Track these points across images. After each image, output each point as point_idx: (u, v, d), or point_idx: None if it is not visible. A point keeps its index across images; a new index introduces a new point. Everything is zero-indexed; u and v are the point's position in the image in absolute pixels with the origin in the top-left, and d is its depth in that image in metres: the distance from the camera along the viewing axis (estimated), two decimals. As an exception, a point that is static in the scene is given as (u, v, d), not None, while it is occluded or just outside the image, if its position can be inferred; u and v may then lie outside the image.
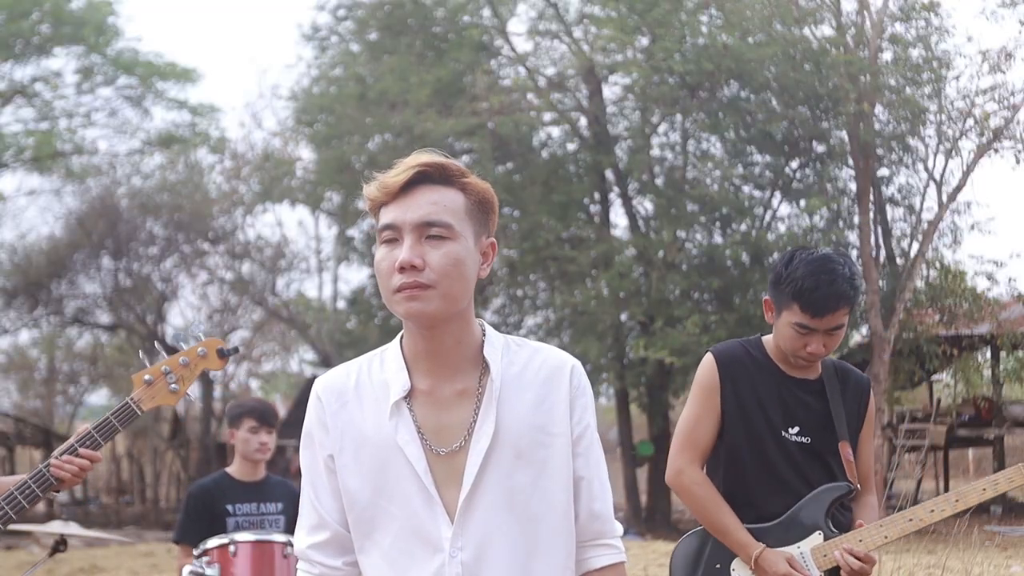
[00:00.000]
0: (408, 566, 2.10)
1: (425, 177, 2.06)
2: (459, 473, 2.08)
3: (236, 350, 3.23)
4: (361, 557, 2.16)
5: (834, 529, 3.32)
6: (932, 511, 3.36)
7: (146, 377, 3.08)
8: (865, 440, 3.43)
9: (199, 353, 3.12)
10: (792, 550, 3.31)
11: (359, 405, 2.14)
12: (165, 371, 3.09)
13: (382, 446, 2.11)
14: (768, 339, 3.41)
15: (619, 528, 2.23)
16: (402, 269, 2.02)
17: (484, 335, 2.15)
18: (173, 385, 3.09)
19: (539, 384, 2.13)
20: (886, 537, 3.32)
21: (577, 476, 2.14)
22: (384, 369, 2.15)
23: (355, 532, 2.15)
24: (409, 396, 2.12)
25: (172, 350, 3.16)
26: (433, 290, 2.02)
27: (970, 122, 16.54)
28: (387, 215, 2.06)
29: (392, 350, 2.17)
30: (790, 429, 3.32)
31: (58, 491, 3.17)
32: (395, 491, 2.10)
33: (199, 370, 3.12)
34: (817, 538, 3.31)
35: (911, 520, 3.34)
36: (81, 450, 3.07)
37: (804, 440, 3.32)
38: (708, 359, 3.38)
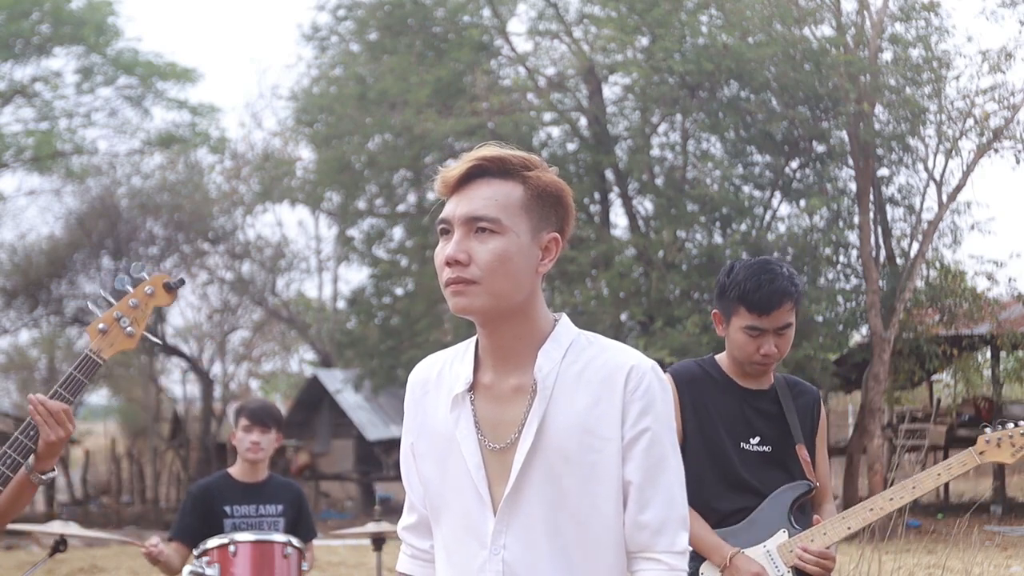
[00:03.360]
0: (460, 558, 2.12)
1: (483, 171, 2.06)
2: (508, 470, 2.08)
3: (182, 282, 3.19)
4: (435, 543, 2.21)
5: (797, 526, 3.39)
6: (891, 499, 3.44)
7: (100, 326, 3.06)
8: (819, 451, 3.52)
9: (147, 292, 3.09)
10: (759, 549, 3.37)
11: (437, 395, 2.17)
12: (118, 316, 3.07)
13: (446, 437, 2.13)
14: (721, 357, 3.49)
15: (677, 542, 2.08)
16: (449, 264, 2.04)
17: (553, 330, 2.12)
18: (129, 328, 3.07)
19: (596, 385, 2.08)
20: (849, 528, 3.39)
21: (625, 481, 2.06)
22: (463, 361, 2.16)
23: (430, 518, 2.20)
24: (473, 390, 2.12)
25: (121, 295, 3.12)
26: (478, 286, 2.02)
27: (970, 122, 16.55)
28: (444, 209, 2.08)
29: (473, 340, 2.17)
30: (751, 440, 3.40)
31: (45, 472, 3.09)
32: (453, 483, 2.13)
33: (150, 308, 3.09)
34: (782, 536, 3.37)
35: (872, 510, 3.43)
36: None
37: (765, 449, 3.40)
38: (665, 378, 3.42)
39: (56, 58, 23.45)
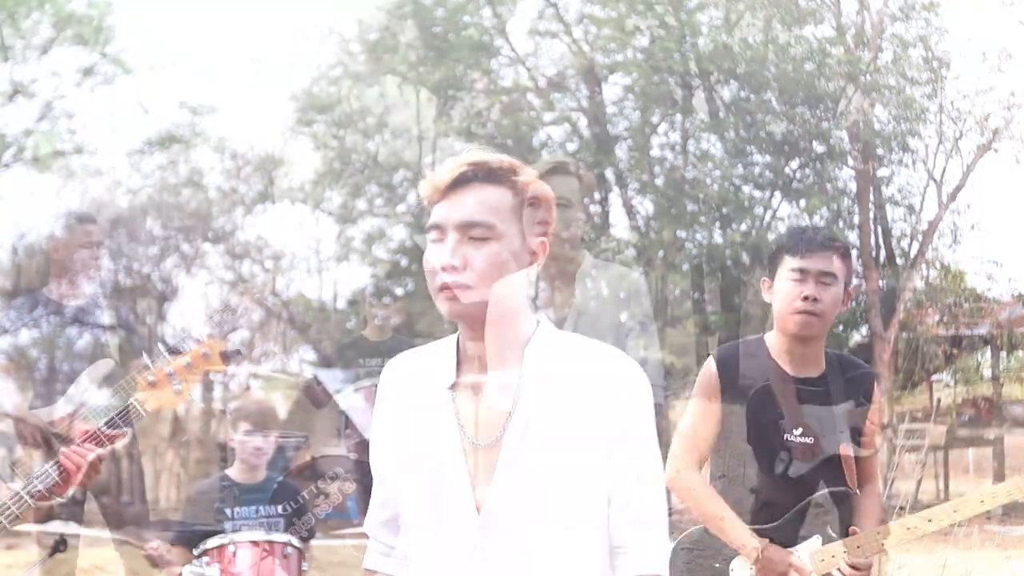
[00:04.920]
0: (439, 557, 2.13)
1: (473, 175, 2.07)
2: (492, 469, 2.09)
3: (239, 352, 3.24)
4: (409, 539, 2.21)
5: (832, 533, 3.33)
6: (930, 520, 3.41)
7: (150, 379, 3.08)
8: (870, 431, 3.46)
9: (202, 355, 3.10)
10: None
11: (413, 391, 2.18)
12: (169, 373, 3.08)
13: (424, 436, 2.14)
14: (770, 337, 3.43)
15: (654, 539, 2.13)
16: (443, 269, 2.04)
17: (536, 332, 2.13)
18: (177, 387, 3.08)
19: (580, 387, 2.10)
20: (883, 545, 3.36)
21: (608, 480, 2.10)
22: (443, 359, 2.17)
23: (403, 514, 2.21)
24: (454, 387, 2.13)
25: (174, 350, 3.14)
26: (472, 291, 2.03)
27: (970, 122, 16.53)
28: (435, 214, 2.08)
29: (453, 340, 2.18)
30: (794, 431, 3.34)
31: (62, 492, 3.14)
32: (432, 479, 2.13)
33: (202, 372, 3.11)
34: (815, 542, 3.34)
35: (909, 529, 3.40)
36: (88, 446, 3.07)
37: (807, 441, 3.34)
38: (709, 362, 3.40)
39: (56, 58, 23.42)
